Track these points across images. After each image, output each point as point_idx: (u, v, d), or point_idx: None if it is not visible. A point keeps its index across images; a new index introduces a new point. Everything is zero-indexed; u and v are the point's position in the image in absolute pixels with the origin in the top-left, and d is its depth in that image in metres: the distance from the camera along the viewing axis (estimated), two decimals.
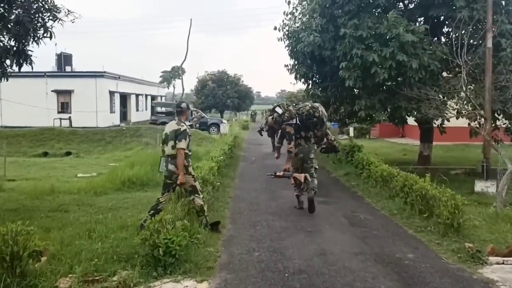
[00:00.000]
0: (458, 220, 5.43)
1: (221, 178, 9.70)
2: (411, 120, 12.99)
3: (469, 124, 10.32)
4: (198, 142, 17.81)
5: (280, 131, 7.81)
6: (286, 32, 12.06)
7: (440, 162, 13.86)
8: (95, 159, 16.15)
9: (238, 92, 44.48)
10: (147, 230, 4.44)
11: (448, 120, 10.90)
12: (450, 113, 10.13)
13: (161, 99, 47.20)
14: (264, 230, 5.93)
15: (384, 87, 12.00)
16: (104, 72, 30.73)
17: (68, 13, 7.30)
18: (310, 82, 14.17)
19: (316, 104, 7.73)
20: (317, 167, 7.68)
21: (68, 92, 30.49)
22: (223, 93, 42.60)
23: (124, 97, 36.63)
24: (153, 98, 44.52)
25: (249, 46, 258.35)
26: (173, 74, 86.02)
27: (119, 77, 33.39)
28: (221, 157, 10.53)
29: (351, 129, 20.10)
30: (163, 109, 34.17)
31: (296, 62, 12.50)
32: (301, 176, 7.13)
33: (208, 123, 29.90)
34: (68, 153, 18.05)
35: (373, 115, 11.41)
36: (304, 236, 5.64)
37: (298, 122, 7.35)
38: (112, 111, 32.36)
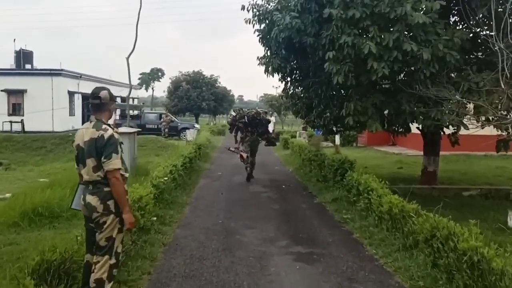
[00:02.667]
0: None
1: (160, 209, 6.89)
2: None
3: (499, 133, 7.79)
4: (157, 151, 14.94)
5: (235, 127, 11.38)
6: (257, 13, 9.34)
7: (447, 179, 11.35)
8: (27, 172, 13.10)
9: (214, 94, 41.56)
10: None
11: (467, 128, 8.33)
12: (476, 119, 7.56)
13: (133, 102, 44.00)
14: None
15: (382, 86, 9.40)
16: (62, 70, 27.49)
17: None
18: (289, 79, 11.48)
19: (260, 111, 12.14)
20: (256, 150, 11.23)
21: (21, 92, 27.10)
22: (198, 95, 39.63)
23: (87, 99, 33.38)
24: (123, 100, 41.30)
25: (233, 50, 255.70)
26: (152, 76, 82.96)
27: (81, 76, 30.14)
28: (166, 178, 7.72)
29: (337, 136, 17.54)
30: (131, 112, 31.02)
31: (268, 53, 9.76)
32: (245, 155, 10.76)
33: (178, 128, 26.97)
34: None
35: (364, 122, 8.73)
36: None
37: (246, 121, 11.04)
38: (71, 114, 29.10)
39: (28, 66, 31.69)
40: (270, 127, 22.75)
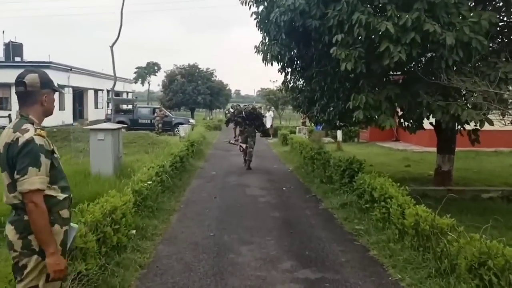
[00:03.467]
0: None
1: (142, 219, 5.87)
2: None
3: None
4: (147, 148, 13.88)
5: (234, 121, 12.70)
6: None
7: (460, 178, 10.36)
8: None
9: (210, 88, 40.30)
10: None
11: (492, 124, 7.32)
12: (503, 113, 6.57)
13: (127, 96, 42.80)
14: None
15: (395, 76, 8.39)
16: (50, 62, 26.34)
17: None
18: (289, 70, 10.44)
19: (256, 106, 14.86)
20: (255, 142, 12.42)
21: (8, 86, 25.87)
22: (194, 89, 38.40)
23: (79, 93, 32.18)
24: (117, 94, 40.07)
25: (231, 44, 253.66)
26: (149, 70, 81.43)
27: (71, 69, 28.97)
28: (150, 182, 6.69)
29: (339, 132, 16.52)
30: (124, 107, 29.89)
31: (267, 39, 8.69)
32: (244, 145, 12.09)
33: (172, 123, 25.86)
34: None
35: (376, 118, 7.68)
36: None
37: (244, 115, 12.34)
38: (62, 108, 27.93)
39: (18, 59, 30.56)
40: (269, 122, 22.08)
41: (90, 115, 32.38)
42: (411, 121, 8.50)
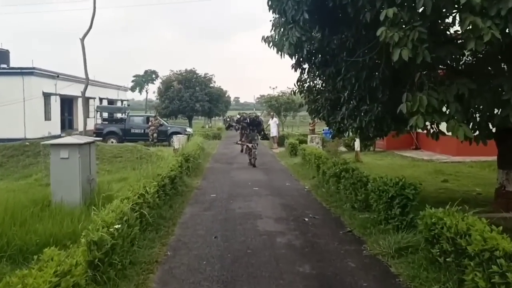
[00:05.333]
0: None
1: None
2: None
3: None
4: (135, 164, 11.64)
5: (240, 127, 17.28)
6: None
7: None
8: None
9: (209, 94, 38.04)
10: None
11: None
12: None
13: (122, 104, 40.61)
14: None
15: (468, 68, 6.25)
16: (33, 68, 24.19)
17: None
18: (306, 66, 8.30)
19: (258, 113, 22.34)
20: (258, 143, 14.73)
21: None
22: (191, 96, 36.16)
23: (69, 101, 30.06)
24: (111, 103, 37.96)
25: (229, 52, 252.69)
26: (146, 78, 79.30)
27: (58, 76, 26.82)
28: (118, 226, 4.48)
29: (357, 141, 14.42)
30: (118, 115, 27.58)
31: (282, 20, 6.48)
32: (250, 145, 14.24)
33: (168, 132, 23.70)
34: None
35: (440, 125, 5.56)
36: None
37: (248, 121, 15.64)
38: (47, 118, 25.80)
39: (4, 66, 28.52)
40: (274, 130, 20.19)
41: (81, 125, 30.22)
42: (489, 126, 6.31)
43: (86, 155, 7.33)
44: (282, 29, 6.49)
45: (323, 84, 8.61)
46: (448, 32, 5.80)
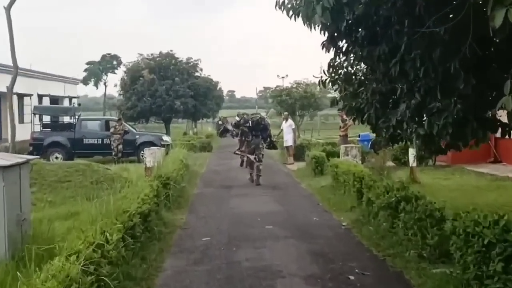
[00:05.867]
0: None
1: None
2: None
3: None
4: (89, 191, 11.18)
5: (240, 131, 17.56)
6: None
7: None
8: None
9: (193, 87, 37.68)
10: None
11: None
12: None
13: (70, 104, 40.37)
14: None
15: None
16: None
17: None
18: (345, 43, 7.91)
19: (264, 115, 19.46)
20: (263, 153, 15.58)
21: None
22: (169, 90, 35.88)
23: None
24: (55, 101, 37.71)
25: (222, 29, 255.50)
26: (104, 66, 79.32)
27: None
28: None
29: (411, 153, 13.99)
30: (66, 119, 27.33)
31: None
32: (252, 157, 15.10)
33: (136, 143, 23.37)
34: None
35: None
36: None
37: (250, 125, 15.92)
38: None
39: None
40: (290, 138, 20.09)
41: (17, 133, 29.95)
42: None
43: (15, 183, 6.86)
44: None
45: (370, 70, 8.35)
46: None
